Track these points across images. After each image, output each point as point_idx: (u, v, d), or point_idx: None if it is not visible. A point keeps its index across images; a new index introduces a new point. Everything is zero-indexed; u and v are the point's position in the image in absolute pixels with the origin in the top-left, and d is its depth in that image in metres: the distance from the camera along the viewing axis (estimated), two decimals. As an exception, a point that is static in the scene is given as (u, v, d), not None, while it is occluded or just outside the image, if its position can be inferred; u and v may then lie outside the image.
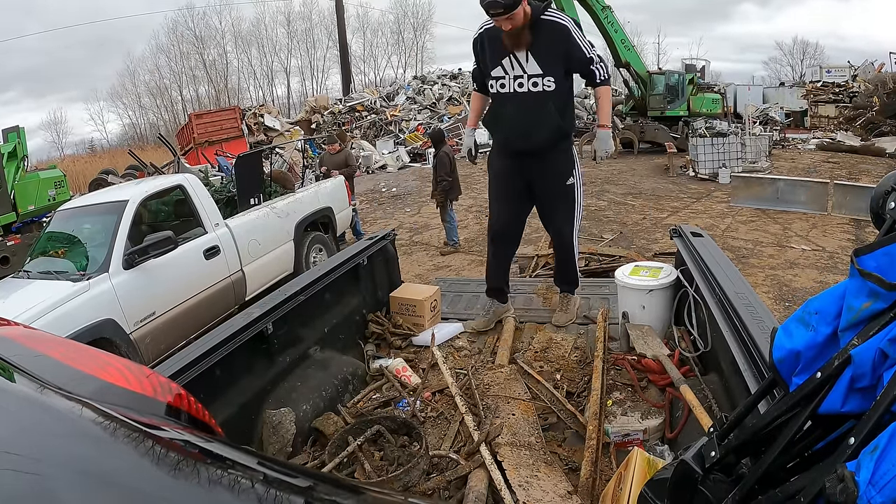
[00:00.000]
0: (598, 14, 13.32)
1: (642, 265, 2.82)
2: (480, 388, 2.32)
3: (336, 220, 6.20)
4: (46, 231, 4.55)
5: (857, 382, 0.72)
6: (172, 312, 4.06)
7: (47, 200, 8.25)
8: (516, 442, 1.94)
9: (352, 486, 0.93)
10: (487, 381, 2.38)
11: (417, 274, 6.06)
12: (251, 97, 37.40)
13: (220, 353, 1.90)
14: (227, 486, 0.58)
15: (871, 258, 0.73)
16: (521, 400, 2.21)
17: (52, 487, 0.48)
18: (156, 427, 0.72)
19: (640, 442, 1.96)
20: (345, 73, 28.13)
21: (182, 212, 4.89)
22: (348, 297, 2.91)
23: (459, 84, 22.74)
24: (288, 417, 2.09)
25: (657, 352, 2.28)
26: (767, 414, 0.86)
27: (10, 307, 3.36)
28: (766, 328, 1.61)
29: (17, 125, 8.81)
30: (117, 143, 35.63)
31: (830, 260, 5.81)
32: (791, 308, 4.53)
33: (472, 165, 3.28)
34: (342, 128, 19.41)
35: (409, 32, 41.22)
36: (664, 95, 14.10)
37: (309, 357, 2.49)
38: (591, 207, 8.81)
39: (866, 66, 20.10)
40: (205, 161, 11.21)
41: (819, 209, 7.69)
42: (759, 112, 16.74)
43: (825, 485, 0.64)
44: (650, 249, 6.14)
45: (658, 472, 1.03)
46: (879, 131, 14.55)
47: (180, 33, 36.13)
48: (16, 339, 0.87)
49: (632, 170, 11.92)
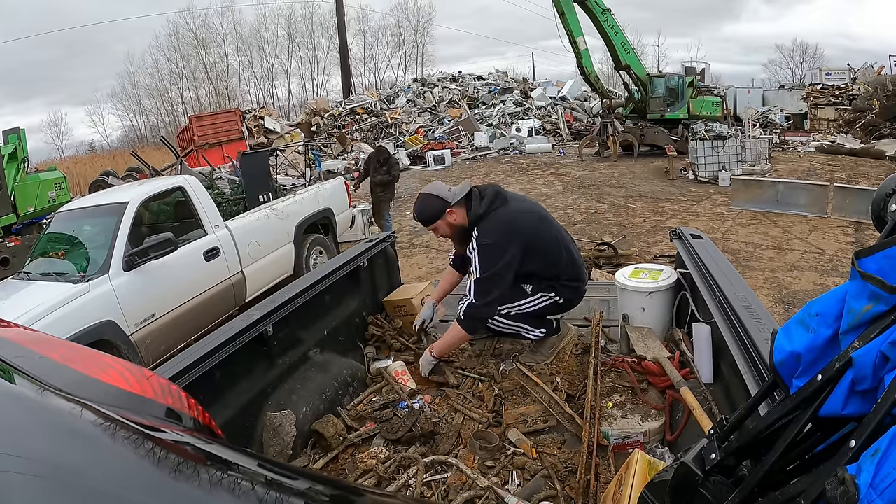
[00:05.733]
0: (598, 17, 13.37)
1: (642, 267, 2.82)
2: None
3: (336, 221, 6.21)
4: (46, 232, 4.55)
5: (858, 385, 0.72)
6: (172, 314, 4.06)
7: (47, 202, 8.26)
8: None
9: (352, 488, 0.93)
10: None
11: (417, 276, 6.06)
12: (251, 99, 37.55)
13: (220, 355, 1.90)
14: (227, 488, 0.58)
15: (872, 260, 0.73)
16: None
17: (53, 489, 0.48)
18: (156, 429, 0.71)
19: (641, 444, 1.96)
20: (345, 75, 28.18)
21: (182, 213, 4.89)
22: (348, 299, 2.91)
23: (459, 87, 22.79)
24: (288, 420, 2.08)
25: (657, 354, 2.28)
26: (768, 416, 0.86)
27: (10, 309, 3.36)
28: (766, 330, 1.61)
29: (17, 126, 8.83)
30: (117, 144, 35.74)
31: (830, 263, 5.81)
32: (791, 311, 4.53)
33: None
34: (342, 130, 19.44)
35: (409, 35, 41.38)
36: (664, 98, 14.11)
37: (309, 359, 2.49)
38: (592, 210, 8.82)
39: (866, 68, 20.14)
40: (205, 163, 11.25)
41: (819, 212, 7.69)
42: (758, 115, 16.76)
43: (826, 488, 0.64)
44: (650, 252, 6.14)
45: (658, 474, 1.02)
46: (879, 134, 14.56)
47: (181, 35, 36.26)
48: (16, 341, 0.87)
49: (631, 172, 11.93)
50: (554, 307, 2.50)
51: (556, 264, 2.43)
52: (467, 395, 2.41)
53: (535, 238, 2.39)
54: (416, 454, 2.00)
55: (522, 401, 2.31)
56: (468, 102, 21.07)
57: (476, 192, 2.46)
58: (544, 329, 2.52)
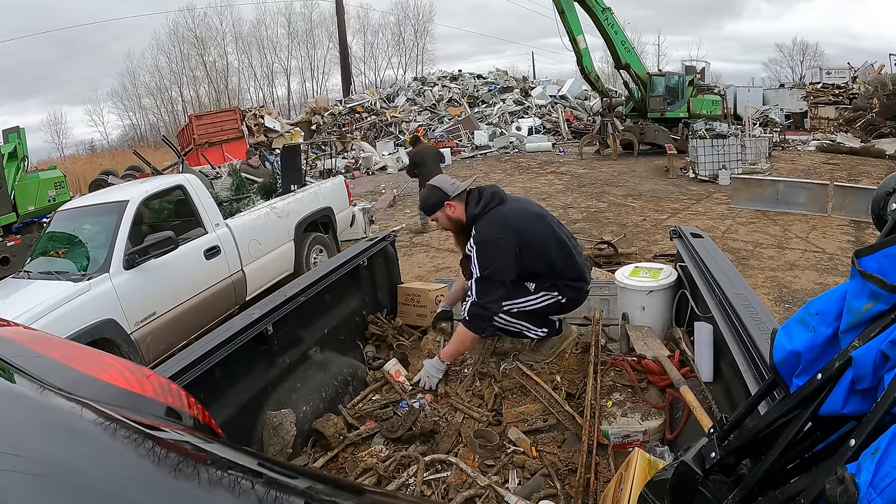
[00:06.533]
0: (598, 15, 13.35)
1: (642, 266, 2.82)
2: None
3: (336, 220, 6.21)
4: (47, 231, 4.55)
5: (858, 384, 0.72)
6: (173, 313, 4.06)
7: (47, 201, 8.26)
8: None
9: (352, 487, 0.93)
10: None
11: (417, 275, 6.06)
12: (251, 98, 37.56)
13: (220, 353, 1.90)
14: (227, 487, 0.58)
15: (872, 259, 0.73)
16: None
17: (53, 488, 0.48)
18: (156, 428, 0.72)
19: (641, 443, 1.96)
20: (345, 74, 28.15)
21: (182, 212, 4.89)
22: (348, 298, 2.91)
23: (459, 85, 22.76)
24: (288, 419, 2.09)
25: (657, 353, 2.28)
26: (768, 415, 0.86)
27: (10, 307, 3.36)
28: (766, 329, 1.61)
29: (17, 126, 8.82)
30: (117, 143, 35.74)
31: (830, 261, 5.81)
32: (791, 309, 4.53)
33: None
34: (342, 129, 19.44)
35: (409, 34, 41.36)
36: (664, 97, 14.10)
37: (309, 358, 2.49)
38: (592, 209, 8.81)
39: (866, 67, 20.13)
40: (205, 162, 11.29)
41: (819, 211, 7.69)
42: (758, 114, 16.74)
43: (825, 486, 0.64)
44: (650, 251, 6.14)
45: (658, 473, 1.02)
46: (879, 133, 14.56)
47: (181, 34, 36.24)
48: (16, 340, 0.87)
49: (631, 171, 11.92)
50: (557, 306, 2.50)
51: (555, 263, 2.44)
52: (464, 395, 2.41)
53: (531, 236, 2.39)
54: (416, 453, 2.00)
55: (522, 399, 2.31)
56: (468, 101, 21.05)
57: (475, 192, 2.51)
58: (546, 329, 2.52)
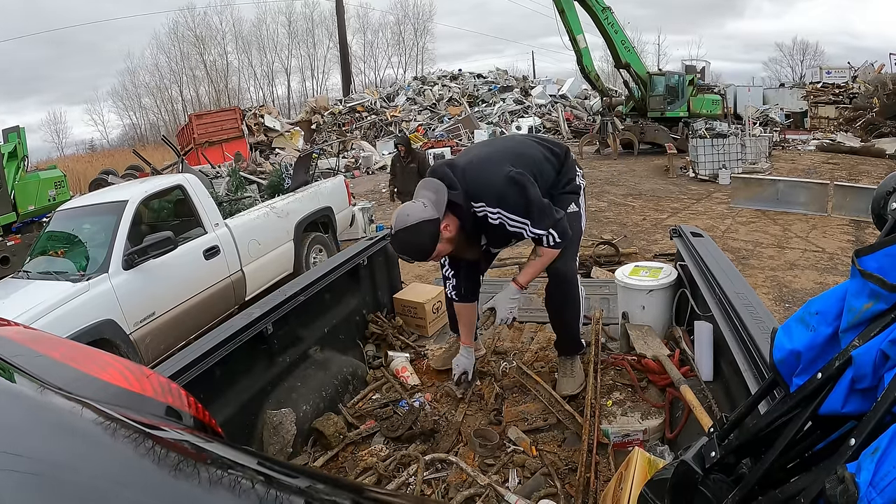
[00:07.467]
0: (599, 15, 13.35)
1: (642, 265, 2.82)
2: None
3: (336, 219, 6.21)
4: (46, 231, 4.55)
5: (858, 384, 0.72)
6: (172, 313, 4.06)
7: (47, 200, 8.25)
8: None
9: (352, 487, 0.93)
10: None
11: (417, 275, 6.05)
12: (251, 97, 37.54)
13: (220, 353, 1.90)
14: (227, 486, 0.58)
15: (872, 259, 0.73)
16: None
17: (52, 487, 0.48)
18: (156, 427, 0.71)
19: (641, 442, 1.96)
20: (345, 73, 28.15)
21: (182, 212, 4.89)
22: (348, 297, 2.91)
23: (459, 85, 22.77)
24: (288, 418, 2.09)
25: (657, 352, 2.28)
26: (768, 414, 0.86)
27: (9, 307, 3.36)
28: (766, 328, 1.61)
29: (17, 125, 8.82)
30: (117, 143, 35.72)
31: (830, 261, 5.81)
32: (791, 309, 4.53)
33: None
34: (342, 129, 19.43)
35: (409, 33, 41.35)
36: (664, 96, 14.10)
37: (309, 357, 2.49)
38: (592, 209, 8.80)
39: (866, 67, 20.13)
40: (205, 161, 11.30)
41: (819, 210, 7.69)
42: (759, 113, 16.74)
43: (825, 486, 0.64)
44: (650, 250, 6.14)
45: (658, 472, 1.02)
46: (879, 132, 14.56)
47: (181, 34, 36.22)
48: (15, 340, 0.87)
49: (632, 171, 11.92)
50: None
51: (544, 172, 2.16)
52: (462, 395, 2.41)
53: (515, 157, 2.09)
54: (416, 452, 2.00)
55: (522, 399, 2.31)
56: (468, 100, 21.06)
57: (446, 184, 1.99)
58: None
